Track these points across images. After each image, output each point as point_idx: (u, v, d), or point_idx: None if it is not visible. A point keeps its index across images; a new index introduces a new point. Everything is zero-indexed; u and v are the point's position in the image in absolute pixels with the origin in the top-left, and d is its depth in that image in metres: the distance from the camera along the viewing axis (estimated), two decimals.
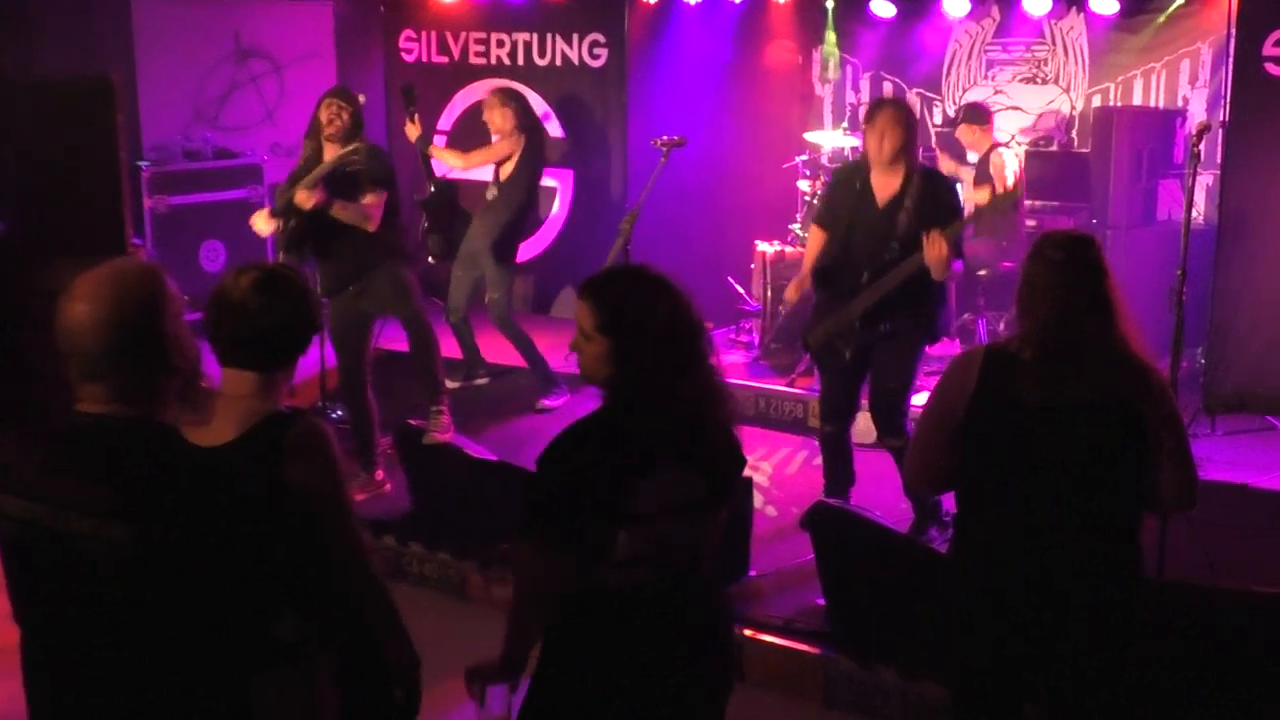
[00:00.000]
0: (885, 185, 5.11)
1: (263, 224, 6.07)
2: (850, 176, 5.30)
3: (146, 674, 2.10)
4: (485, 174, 7.56)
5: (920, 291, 5.05)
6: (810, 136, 8.45)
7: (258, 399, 2.62)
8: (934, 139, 8.56)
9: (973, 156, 7.79)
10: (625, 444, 2.69)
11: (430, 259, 7.69)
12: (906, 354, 5.18)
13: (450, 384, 7.25)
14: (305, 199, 5.65)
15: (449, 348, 7.02)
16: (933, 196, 5.06)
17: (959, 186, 5.42)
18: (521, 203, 7.33)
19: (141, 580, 2.06)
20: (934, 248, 4.85)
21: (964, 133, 7.69)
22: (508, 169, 7.29)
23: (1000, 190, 7.25)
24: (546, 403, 7.21)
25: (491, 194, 7.35)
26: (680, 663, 2.78)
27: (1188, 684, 3.93)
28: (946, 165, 7.80)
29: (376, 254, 5.85)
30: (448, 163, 7.72)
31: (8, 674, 2.29)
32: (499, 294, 7.27)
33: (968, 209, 6.57)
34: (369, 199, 5.74)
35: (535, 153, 7.35)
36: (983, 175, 7.48)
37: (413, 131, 7.34)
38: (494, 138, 7.38)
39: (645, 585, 2.72)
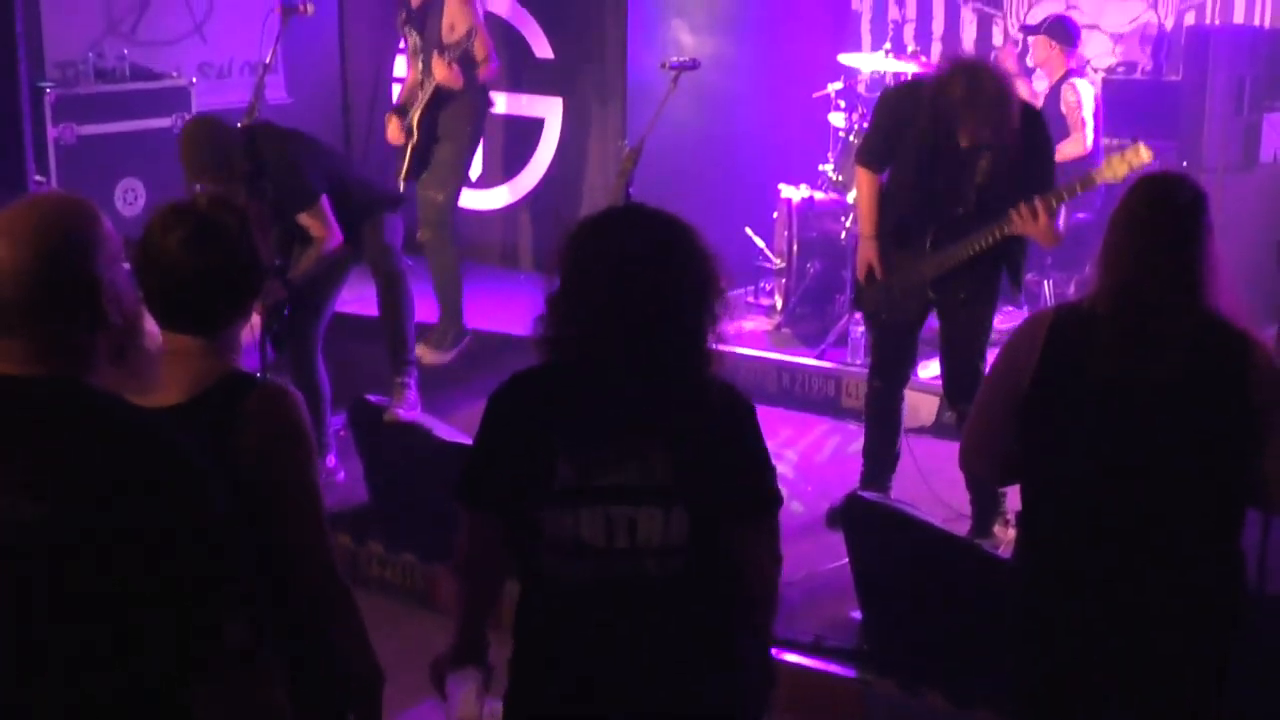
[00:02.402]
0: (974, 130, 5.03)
1: None
2: (919, 99, 5.16)
3: (68, 678, 2.10)
4: None
5: (1006, 251, 5.09)
6: (845, 59, 8.44)
7: (205, 360, 2.65)
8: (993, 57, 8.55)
9: (1039, 84, 7.80)
10: (545, 402, 2.73)
11: None
12: (984, 316, 5.27)
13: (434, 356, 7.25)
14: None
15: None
16: (1029, 144, 5.02)
17: None
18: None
19: (57, 571, 2.05)
20: (1036, 219, 4.86)
21: (1039, 47, 7.69)
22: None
23: (1079, 131, 7.30)
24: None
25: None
26: (633, 691, 2.73)
27: None
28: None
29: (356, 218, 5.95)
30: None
31: None
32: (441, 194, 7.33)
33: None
34: (312, 227, 5.72)
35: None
36: (1053, 115, 7.52)
37: None
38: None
39: (590, 582, 2.69)
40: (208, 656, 2.10)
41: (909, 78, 5.27)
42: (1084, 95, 7.49)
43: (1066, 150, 7.29)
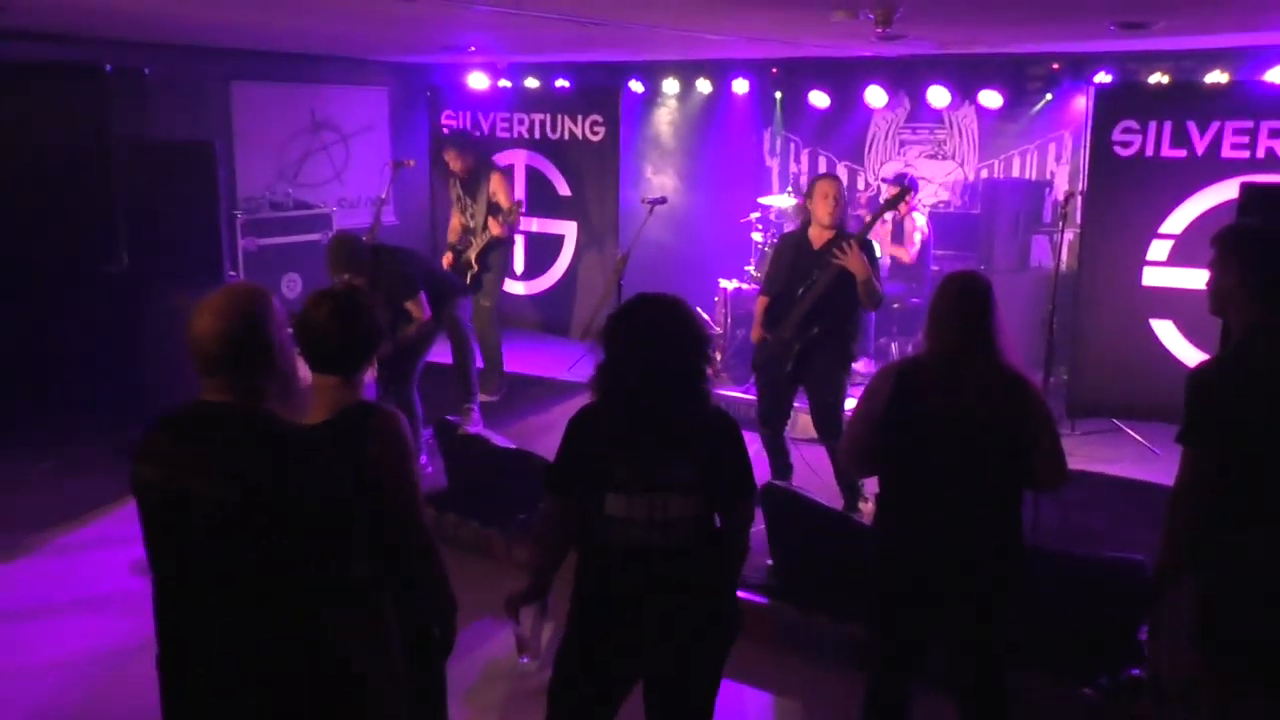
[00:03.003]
0: (820, 236, 5.17)
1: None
2: (789, 242, 5.34)
3: (246, 609, 2.09)
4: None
5: (843, 308, 5.09)
6: (762, 200, 8.51)
7: (342, 393, 2.64)
8: (862, 199, 8.62)
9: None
10: (605, 426, 2.71)
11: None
12: (835, 374, 5.22)
13: (486, 396, 7.25)
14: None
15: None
16: (858, 241, 5.09)
17: (875, 245, 5.47)
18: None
19: (243, 530, 2.05)
20: (850, 254, 4.92)
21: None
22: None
23: (910, 247, 7.40)
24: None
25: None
26: (669, 617, 2.72)
27: (1052, 624, 3.97)
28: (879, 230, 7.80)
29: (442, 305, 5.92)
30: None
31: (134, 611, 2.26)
32: (489, 301, 7.36)
33: (884, 260, 6.75)
34: (413, 310, 5.65)
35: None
36: (898, 233, 7.59)
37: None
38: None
39: (640, 547, 2.68)
40: (340, 592, 2.08)
41: (796, 228, 5.37)
42: (918, 223, 7.57)
43: (899, 253, 7.39)
